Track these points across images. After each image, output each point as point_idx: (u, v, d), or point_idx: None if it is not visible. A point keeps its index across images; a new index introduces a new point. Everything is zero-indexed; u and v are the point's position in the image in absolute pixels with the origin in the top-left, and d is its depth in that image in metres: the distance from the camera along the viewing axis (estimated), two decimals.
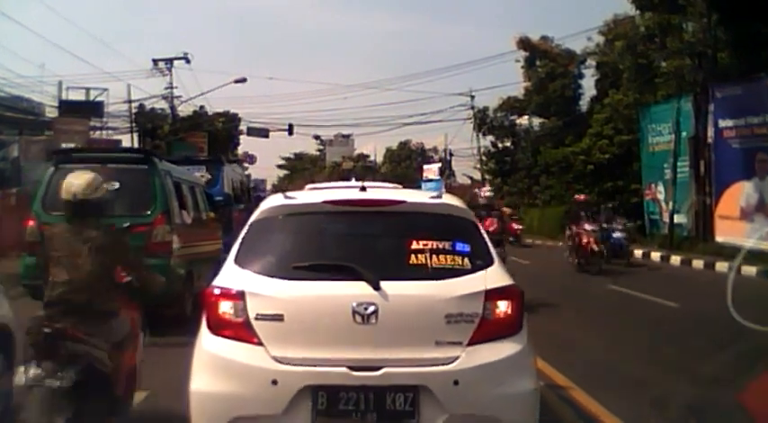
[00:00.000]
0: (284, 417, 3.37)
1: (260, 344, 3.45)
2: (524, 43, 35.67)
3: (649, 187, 24.70)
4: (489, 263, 3.70)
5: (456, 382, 3.39)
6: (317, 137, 70.94)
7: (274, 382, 3.38)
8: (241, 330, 3.48)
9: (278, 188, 65.07)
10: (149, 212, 8.24)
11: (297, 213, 3.92)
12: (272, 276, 3.57)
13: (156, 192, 8.36)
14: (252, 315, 3.48)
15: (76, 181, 3.95)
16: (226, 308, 3.53)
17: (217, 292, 3.59)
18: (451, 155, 47.45)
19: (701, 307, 9.78)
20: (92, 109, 29.63)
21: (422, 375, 3.40)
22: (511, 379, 3.50)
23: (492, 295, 3.53)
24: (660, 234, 23.03)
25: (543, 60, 35.58)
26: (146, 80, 76.24)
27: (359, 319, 3.41)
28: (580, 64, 35.10)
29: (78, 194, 3.90)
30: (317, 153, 78.51)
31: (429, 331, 3.46)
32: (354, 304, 3.42)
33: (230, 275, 3.66)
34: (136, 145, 38.14)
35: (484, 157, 38.17)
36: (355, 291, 3.46)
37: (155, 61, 36.77)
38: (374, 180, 52.55)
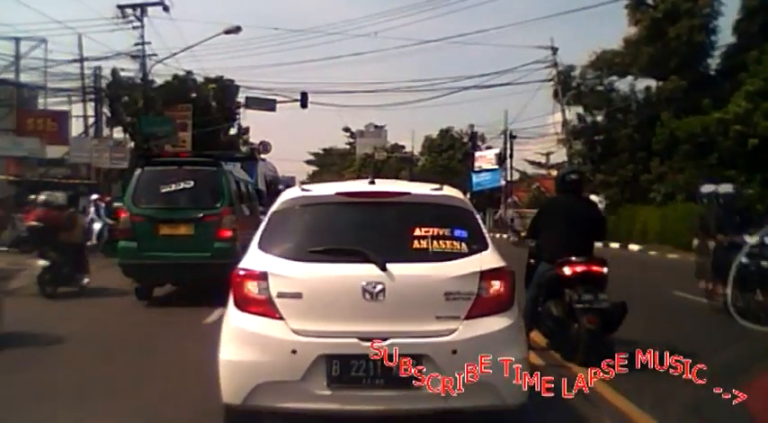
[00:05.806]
0: (302, 382, 3.85)
1: (281, 318, 3.95)
2: None
3: None
4: (484, 247, 4.18)
5: (454, 352, 3.87)
6: (346, 129, 63.04)
7: (293, 352, 3.87)
8: (264, 306, 3.98)
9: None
10: (218, 205, 10.35)
11: (312, 204, 4.42)
12: (292, 259, 4.07)
13: (222, 189, 10.50)
14: (274, 293, 3.98)
15: None
16: (251, 287, 4.03)
17: (243, 273, 4.08)
18: (513, 137, 36.99)
19: None
20: None
21: (424, 345, 3.87)
22: (502, 349, 3.94)
23: (486, 276, 4.01)
24: None
25: None
26: (110, 34, 63.17)
27: (368, 296, 3.90)
28: None
29: None
30: (348, 147, 69.59)
31: (430, 307, 3.94)
32: (364, 283, 3.91)
33: (255, 259, 4.14)
34: (91, 114, 29.09)
35: (570, 137, 27.66)
36: (364, 272, 3.93)
37: (120, 8, 27.46)
38: (410, 174, 43.01)
